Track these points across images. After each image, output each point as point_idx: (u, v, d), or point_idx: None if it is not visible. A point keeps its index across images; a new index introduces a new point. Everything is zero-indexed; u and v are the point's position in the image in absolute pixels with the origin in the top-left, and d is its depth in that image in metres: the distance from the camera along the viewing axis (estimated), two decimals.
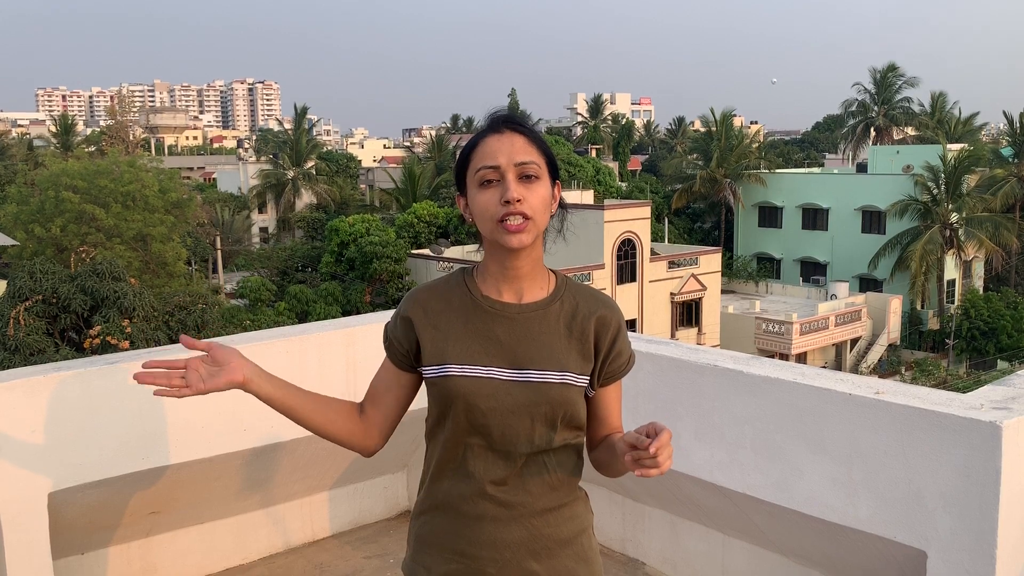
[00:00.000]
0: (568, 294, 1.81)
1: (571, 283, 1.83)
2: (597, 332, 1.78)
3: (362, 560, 3.88)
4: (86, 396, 3.09)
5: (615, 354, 1.80)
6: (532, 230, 1.70)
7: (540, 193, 1.71)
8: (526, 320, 1.76)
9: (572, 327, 1.77)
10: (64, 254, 24.81)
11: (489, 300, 1.77)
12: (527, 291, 1.78)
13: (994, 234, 41.24)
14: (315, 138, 65.30)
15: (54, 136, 61.53)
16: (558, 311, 1.78)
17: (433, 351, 1.76)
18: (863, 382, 2.84)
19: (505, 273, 1.76)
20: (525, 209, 1.68)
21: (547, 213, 1.74)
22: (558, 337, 1.76)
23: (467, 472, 1.75)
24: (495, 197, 1.69)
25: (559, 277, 1.83)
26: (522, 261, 1.75)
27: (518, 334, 1.75)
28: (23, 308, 15.86)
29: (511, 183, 1.68)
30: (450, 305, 1.78)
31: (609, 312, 1.81)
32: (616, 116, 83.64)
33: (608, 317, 1.80)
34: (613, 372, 1.81)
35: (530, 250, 1.74)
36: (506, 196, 1.67)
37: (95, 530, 3.39)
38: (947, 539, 2.52)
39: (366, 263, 33.92)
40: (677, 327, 35.99)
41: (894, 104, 59.58)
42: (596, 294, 1.83)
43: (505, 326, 1.76)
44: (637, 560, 3.80)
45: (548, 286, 1.80)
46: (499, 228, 1.69)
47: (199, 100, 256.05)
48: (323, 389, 3.67)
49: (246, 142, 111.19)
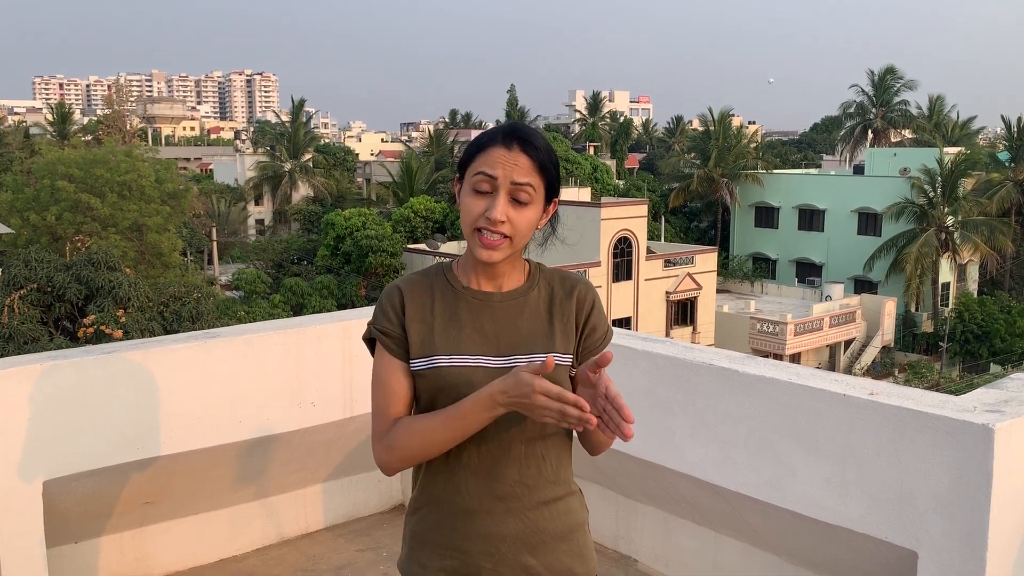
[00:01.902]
0: (543, 279, 1.85)
1: (543, 268, 1.87)
2: (576, 308, 1.82)
3: (355, 553, 3.89)
4: (81, 385, 3.10)
5: (592, 327, 1.83)
6: (507, 249, 1.73)
7: (527, 216, 1.73)
8: (508, 308, 1.79)
9: (552, 309, 1.81)
10: (59, 243, 24.77)
11: (471, 290, 1.80)
12: (506, 281, 1.81)
13: (989, 238, 41.34)
14: (312, 131, 65.09)
15: (50, 124, 61.28)
16: (537, 296, 1.82)
17: (420, 343, 1.76)
18: (857, 383, 2.85)
19: (484, 270, 1.80)
20: (506, 230, 1.71)
21: (529, 234, 1.76)
22: (541, 321, 1.79)
23: (460, 465, 1.75)
24: (481, 207, 1.71)
25: (532, 264, 1.87)
26: (500, 264, 1.78)
27: (502, 322, 1.78)
28: (17, 296, 15.82)
29: (501, 201, 1.70)
30: (432, 297, 1.80)
31: (583, 286, 1.86)
32: (614, 114, 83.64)
33: (582, 291, 1.85)
34: (590, 347, 1.83)
35: (505, 259, 1.77)
36: (491, 213, 1.69)
37: (89, 519, 3.39)
38: (938, 540, 2.53)
39: (362, 257, 33.90)
40: (672, 326, 36.03)
41: (892, 106, 59.61)
42: (566, 273, 1.88)
43: (488, 315, 1.78)
44: (629, 557, 3.81)
45: (524, 274, 1.84)
46: (475, 237, 1.72)
47: (197, 91, 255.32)
48: (320, 382, 3.70)
49: (243, 134, 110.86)
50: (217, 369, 3.40)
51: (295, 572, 3.71)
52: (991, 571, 2.45)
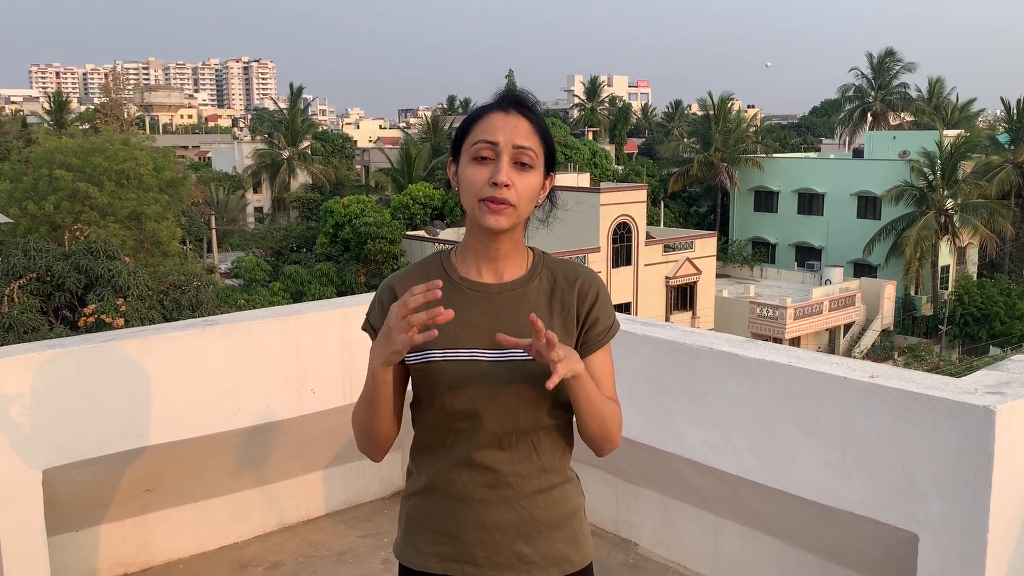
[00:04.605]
0: (545, 269, 1.80)
1: (548, 258, 1.83)
2: (578, 300, 1.78)
3: (356, 539, 3.90)
4: (81, 374, 3.09)
5: (593, 320, 1.78)
6: (512, 216, 1.69)
7: (530, 182, 1.70)
8: (507, 300, 1.76)
9: (553, 301, 1.77)
10: (58, 232, 24.72)
11: (468, 281, 1.77)
12: (507, 270, 1.78)
13: (989, 220, 41.31)
14: (310, 118, 64.92)
15: (48, 113, 61.05)
16: (537, 287, 1.78)
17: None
18: (858, 366, 2.84)
19: (486, 252, 1.76)
20: (510, 196, 1.67)
21: (532, 203, 1.73)
22: (540, 313, 1.75)
23: (455, 455, 1.74)
24: (485, 174, 1.68)
25: (536, 253, 1.83)
26: (502, 242, 1.74)
27: (500, 314, 1.74)
28: (17, 286, 15.81)
29: (504, 165, 1.67)
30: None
31: (588, 278, 1.80)
32: (613, 99, 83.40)
33: (587, 283, 1.79)
34: (593, 339, 1.79)
35: (510, 232, 1.73)
36: (495, 177, 1.66)
37: (89, 508, 3.39)
38: (939, 522, 2.53)
39: (361, 244, 33.86)
40: (672, 311, 36.03)
41: (891, 89, 59.41)
42: (573, 265, 1.83)
43: (486, 307, 1.75)
44: (630, 541, 3.81)
45: (526, 263, 1.80)
46: (480, 206, 1.68)
47: (194, 78, 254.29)
48: (319, 369, 3.69)
49: (241, 121, 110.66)
50: (216, 357, 3.39)
51: (296, 558, 3.72)
52: (992, 552, 2.45)
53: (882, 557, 2.84)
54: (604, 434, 1.75)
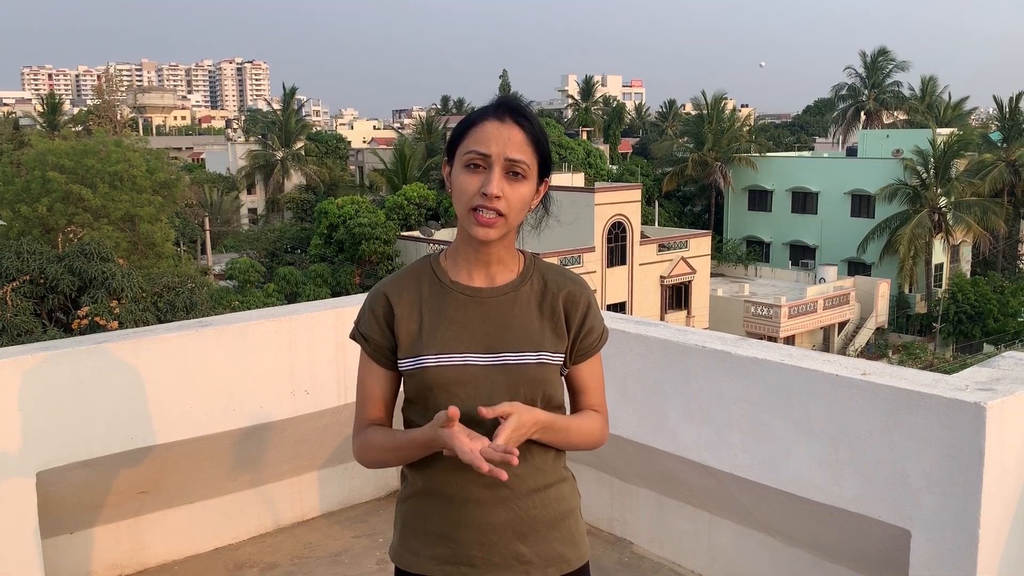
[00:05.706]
0: (536, 273, 1.81)
1: (539, 262, 1.84)
2: (567, 309, 1.79)
3: (351, 540, 3.90)
4: (75, 376, 3.09)
5: (586, 330, 1.81)
6: (502, 227, 1.70)
7: (521, 193, 1.70)
8: (498, 303, 1.76)
9: (543, 306, 1.78)
10: (51, 234, 24.65)
11: (460, 285, 1.77)
12: (498, 274, 1.78)
13: (982, 218, 41.41)
14: (304, 119, 64.79)
15: (40, 115, 60.80)
16: (528, 291, 1.78)
17: (408, 344, 1.75)
18: (850, 363, 2.86)
19: (477, 257, 1.76)
20: (500, 206, 1.67)
21: (524, 212, 1.73)
22: (531, 317, 1.76)
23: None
24: (476, 184, 1.68)
25: (527, 257, 1.83)
26: (492, 248, 1.75)
27: (491, 318, 1.75)
28: (10, 289, 15.76)
29: (495, 176, 1.67)
30: (420, 295, 1.77)
31: (577, 288, 1.81)
32: (607, 98, 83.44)
33: (576, 293, 1.81)
34: (585, 349, 1.81)
35: (499, 240, 1.74)
36: (486, 188, 1.66)
37: (84, 509, 3.39)
38: (931, 519, 2.54)
39: (355, 245, 33.81)
40: (667, 310, 36.06)
41: (884, 88, 59.53)
42: (563, 271, 1.84)
43: (478, 311, 1.75)
44: (624, 539, 3.82)
45: (518, 267, 1.81)
46: (470, 216, 1.69)
47: (187, 80, 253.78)
48: (314, 369, 3.69)
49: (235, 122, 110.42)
50: (210, 358, 3.39)
51: (291, 559, 3.72)
52: (983, 548, 2.46)
53: (875, 553, 2.86)
54: (585, 448, 1.83)
